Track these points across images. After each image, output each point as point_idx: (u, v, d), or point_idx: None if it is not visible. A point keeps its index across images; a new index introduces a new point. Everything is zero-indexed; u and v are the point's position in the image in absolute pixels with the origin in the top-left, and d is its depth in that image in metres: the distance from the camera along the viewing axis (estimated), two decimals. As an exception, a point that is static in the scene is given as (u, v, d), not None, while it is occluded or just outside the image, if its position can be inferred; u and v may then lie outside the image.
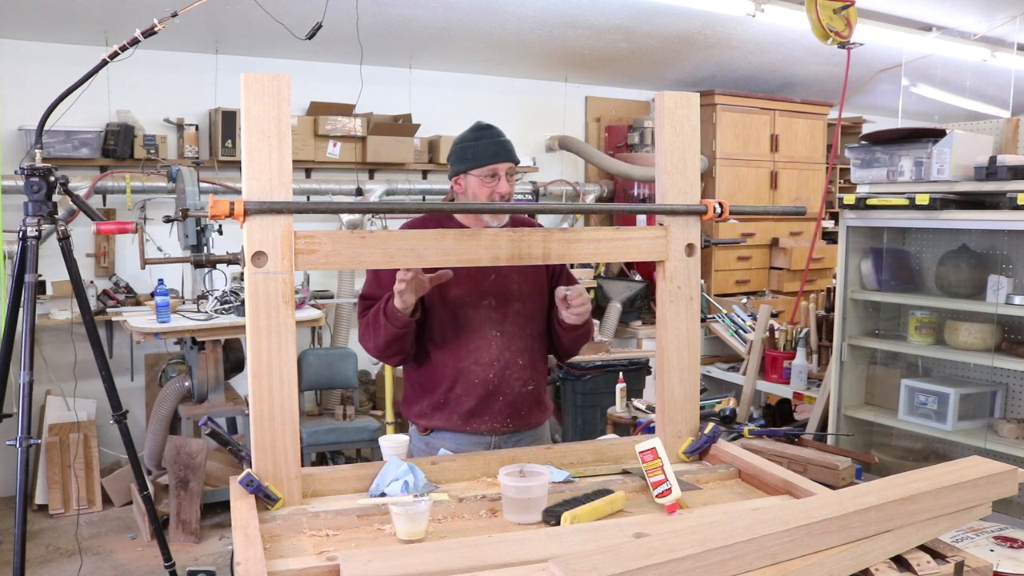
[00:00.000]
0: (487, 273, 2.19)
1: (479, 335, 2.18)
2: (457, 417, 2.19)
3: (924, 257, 3.60)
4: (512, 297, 2.21)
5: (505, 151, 2.21)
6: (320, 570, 1.37)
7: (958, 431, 3.28)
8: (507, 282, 2.22)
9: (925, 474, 1.54)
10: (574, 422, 4.88)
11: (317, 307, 4.79)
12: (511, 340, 2.20)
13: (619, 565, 1.18)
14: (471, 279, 2.18)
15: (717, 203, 1.91)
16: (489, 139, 2.21)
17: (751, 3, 4.45)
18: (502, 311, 2.20)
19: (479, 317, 2.18)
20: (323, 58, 5.18)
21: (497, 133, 2.24)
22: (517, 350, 2.21)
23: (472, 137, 2.23)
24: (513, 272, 2.21)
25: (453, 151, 2.25)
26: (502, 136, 2.24)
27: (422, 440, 2.25)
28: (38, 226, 2.90)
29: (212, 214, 1.57)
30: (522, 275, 2.23)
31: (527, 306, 2.24)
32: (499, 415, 2.20)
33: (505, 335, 2.20)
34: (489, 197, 2.18)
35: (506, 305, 2.20)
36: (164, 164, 4.61)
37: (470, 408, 2.18)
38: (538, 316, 2.27)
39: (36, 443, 2.86)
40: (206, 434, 1.70)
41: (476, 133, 2.24)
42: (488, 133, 2.24)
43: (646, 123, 6.07)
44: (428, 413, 2.22)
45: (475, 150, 2.19)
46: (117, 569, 3.73)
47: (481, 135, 2.23)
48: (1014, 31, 5.11)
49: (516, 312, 2.22)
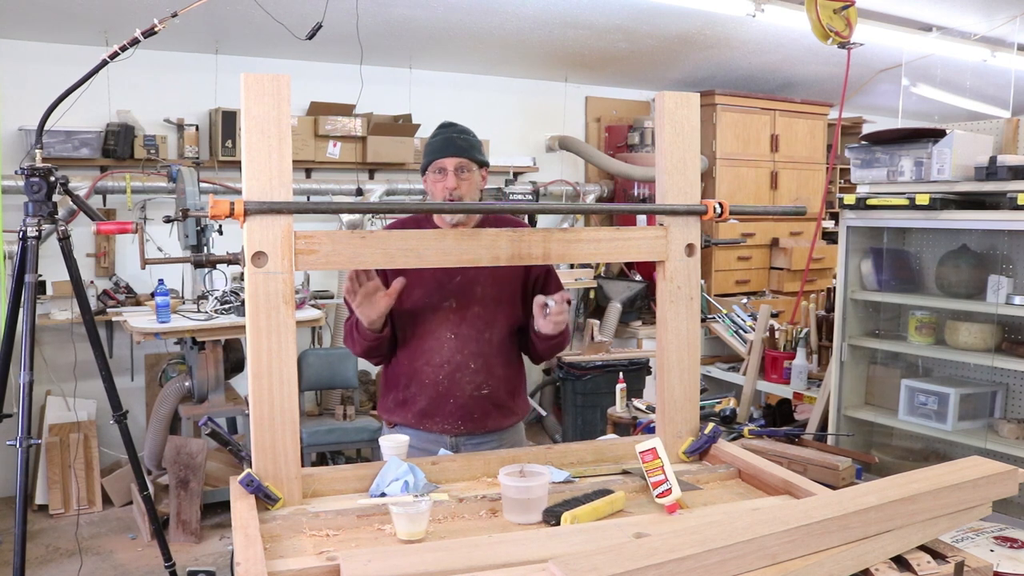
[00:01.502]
0: (452, 275, 2.18)
1: (434, 336, 2.19)
2: (412, 416, 2.22)
3: (924, 257, 3.60)
4: (474, 300, 2.19)
5: (454, 146, 2.15)
6: (320, 570, 1.36)
7: (958, 431, 3.28)
8: (472, 285, 2.19)
9: (925, 474, 1.54)
10: (574, 422, 4.88)
11: (317, 307, 4.79)
12: (465, 343, 2.19)
13: (619, 565, 1.18)
14: (435, 280, 2.17)
15: (717, 203, 1.91)
16: (443, 134, 2.18)
17: (751, 3, 4.45)
18: (461, 313, 2.19)
19: (437, 319, 2.18)
20: (323, 58, 5.18)
21: (455, 129, 2.19)
22: (471, 353, 2.19)
23: (433, 133, 2.22)
24: (481, 275, 2.19)
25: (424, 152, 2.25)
26: (461, 132, 2.19)
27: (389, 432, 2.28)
28: (38, 226, 2.90)
29: (212, 214, 1.57)
30: (491, 279, 2.20)
31: (489, 310, 2.21)
32: (449, 417, 2.20)
33: (460, 337, 2.19)
34: (441, 195, 2.15)
35: (466, 308, 2.19)
36: (164, 164, 4.61)
37: (422, 408, 2.20)
38: (502, 320, 2.23)
39: (36, 443, 2.86)
40: (206, 434, 1.70)
41: (436, 130, 2.22)
42: (444, 129, 2.20)
43: (646, 123, 6.08)
44: (391, 409, 2.27)
45: (430, 147, 2.18)
46: (117, 569, 3.73)
47: (438, 132, 2.20)
48: (1014, 31, 5.11)
49: (475, 315, 2.19)
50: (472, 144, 2.19)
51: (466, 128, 2.23)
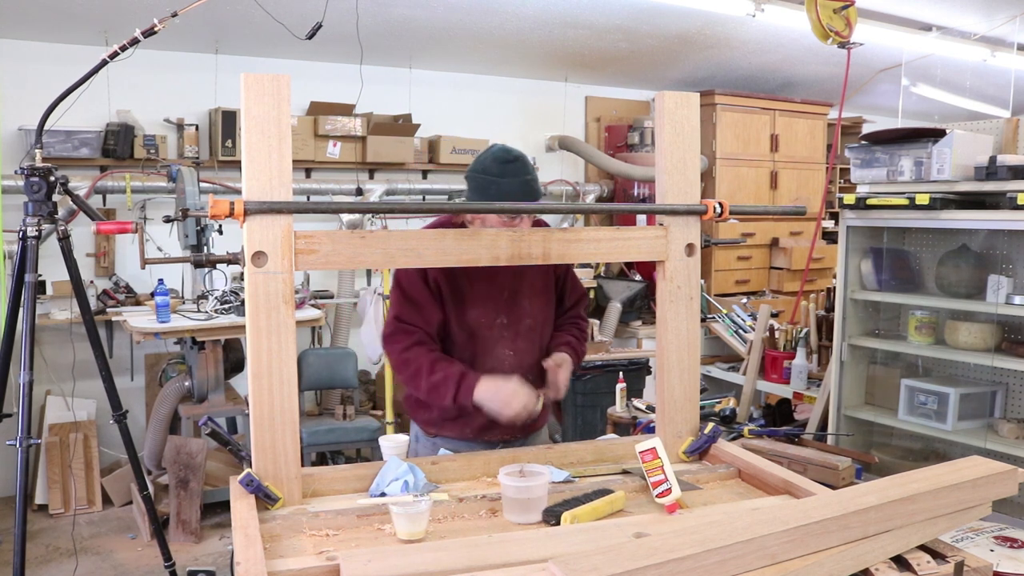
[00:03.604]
0: (501, 291, 2.17)
1: (492, 356, 2.18)
2: (470, 430, 2.20)
3: (924, 257, 3.60)
4: (524, 314, 2.21)
5: (532, 192, 2.07)
6: (320, 570, 1.36)
7: (958, 431, 3.27)
8: (519, 298, 2.20)
9: (925, 474, 1.54)
10: (574, 422, 4.87)
11: (317, 307, 4.79)
12: (523, 357, 2.20)
13: (619, 565, 1.18)
14: (490, 299, 2.16)
15: (717, 203, 1.91)
16: (514, 177, 2.05)
17: (751, 3, 4.45)
18: (514, 329, 2.20)
19: (493, 337, 2.17)
20: (323, 58, 5.18)
21: (523, 169, 2.08)
22: (528, 366, 2.20)
23: (496, 171, 2.06)
24: (524, 286, 2.20)
25: (473, 179, 2.10)
26: (528, 173, 2.08)
27: (429, 440, 2.25)
28: (38, 226, 2.90)
29: (212, 214, 1.57)
30: (532, 289, 2.22)
31: (537, 321, 2.24)
32: (509, 428, 2.19)
33: (518, 353, 2.20)
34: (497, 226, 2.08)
35: (519, 323, 2.20)
36: (164, 164, 4.61)
37: (482, 424, 2.18)
38: (547, 324, 2.28)
39: (36, 443, 2.86)
40: (206, 434, 1.70)
41: (501, 167, 2.06)
42: (514, 168, 2.06)
43: (646, 123, 6.07)
44: (438, 423, 2.22)
45: (499, 189, 2.04)
46: (117, 569, 3.73)
47: (506, 170, 2.06)
48: (1014, 31, 5.11)
49: (528, 328, 2.21)
50: (538, 183, 2.14)
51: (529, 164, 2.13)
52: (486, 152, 2.13)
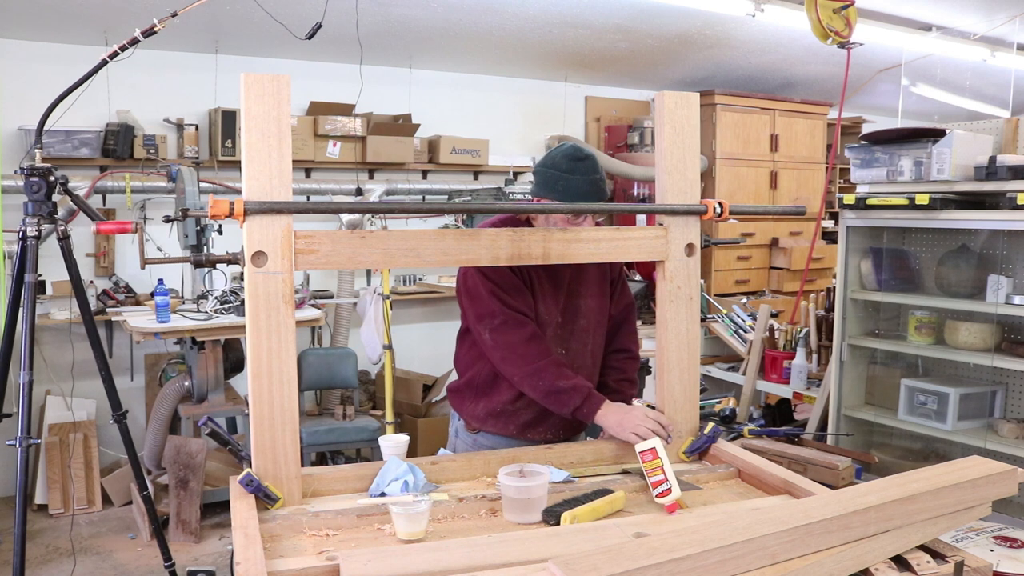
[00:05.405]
0: (559, 287, 2.17)
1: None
2: (514, 427, 2.20)
3: (924, 257, 3.60)
4: (579, 314, 2.21)
5: (598, 191, 2.10)
6: (320, 570, 1.37)
7: (958, 431, 3.28)
8: (576, 299, 2.20)
9: (925, 474, 1.54)
10: (574, 422, 4.87)
11: (317, 307, 4.79)
12: (574, 358, 2.20)
13: (619, 565, 1.18)
14: (552, 293, 2.16)
15: (717, 203, 1.91)
16: (583, 175, 2.09)
17: (751, 3, 4.45)
18: (568, 328, 2.20)
19: (547, 335, 2.16)
20: (323, 58, 5.18)
21: (592, 167, 2.11)
22: (578, 367, 2.19)
23: (566, 168, 2.09)
24: (581, 287, 2.20)
25: (541, 173, 2.13)
26: (597, 172, 2.11)
27: (470, 437, 2.25)
28: (38, 226, 2.90)
29: (212, 214, 1.57)
30: (589, 290, 2.22)
31: (591, 322, 2.23)
32: (554, 427, 2.20)
33: (570, 353, 2.20)
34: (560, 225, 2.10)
35: (574, 322, 2.20)
36: (164, 164, 4.61)
37: (527, 420, 2.18)
38: (601, 327, 2.27)
39: (36, 443, 2.86)
40: (206, 434, 1.70)
41: (571, 164, 2.09)
42: (583, 167, 2.09)
43: (646, 123, 6.07)
44: (482, 417, 2.22)
45: (566, 185, 2.08)
46: (117, 569, 3.73)
47: (575, 168, 2.09)
48: (1014, 31, 5.11)
49: (581, 329, 2.21)
50: (605, 185, 2.16)
51: (598, 164, 2.15)
52: (558, 148, 2.16)
